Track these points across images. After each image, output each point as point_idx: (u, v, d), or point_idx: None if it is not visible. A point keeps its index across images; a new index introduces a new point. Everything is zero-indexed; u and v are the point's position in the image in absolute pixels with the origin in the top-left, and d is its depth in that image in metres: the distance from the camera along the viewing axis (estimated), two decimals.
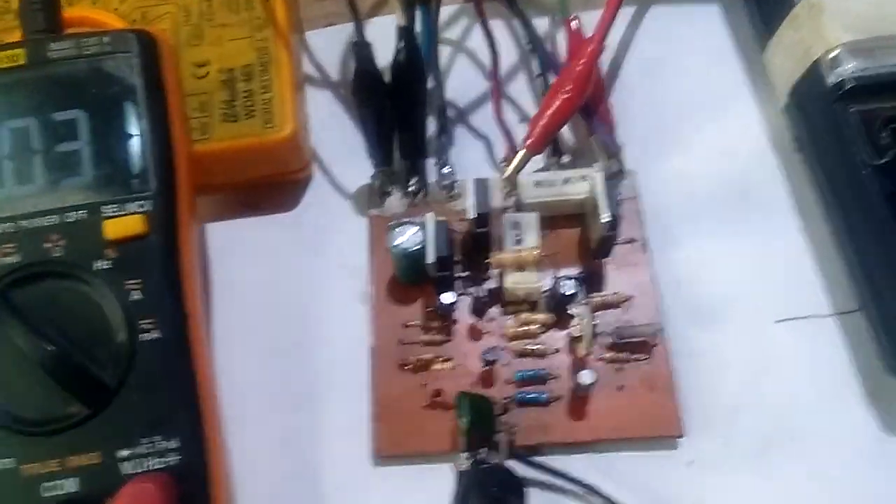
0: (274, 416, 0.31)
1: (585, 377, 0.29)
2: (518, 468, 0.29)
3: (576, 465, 0.30)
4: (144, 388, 0.26)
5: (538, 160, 0.34)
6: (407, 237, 0.31)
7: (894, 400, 0.30)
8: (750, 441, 0.30)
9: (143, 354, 0.26)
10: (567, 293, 0.30)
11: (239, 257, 0.34)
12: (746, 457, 0.30)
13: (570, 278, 0.30)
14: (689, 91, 0.37)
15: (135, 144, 0.28)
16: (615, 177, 0.34)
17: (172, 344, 0.26)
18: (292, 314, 0.33)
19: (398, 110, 0.32)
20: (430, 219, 0.30)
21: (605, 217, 0.29)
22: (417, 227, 0.31)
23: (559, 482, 0.29)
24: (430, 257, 0.29)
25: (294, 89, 0.33)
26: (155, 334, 0.26)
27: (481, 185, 0.31)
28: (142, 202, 0.27)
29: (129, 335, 0.26)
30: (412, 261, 0.31)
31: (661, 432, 0.30)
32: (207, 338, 0.29)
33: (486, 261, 0.31)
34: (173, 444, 0.26)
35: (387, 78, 0.32)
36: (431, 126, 0.36)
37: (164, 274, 0.27)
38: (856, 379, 0.30)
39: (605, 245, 0.31)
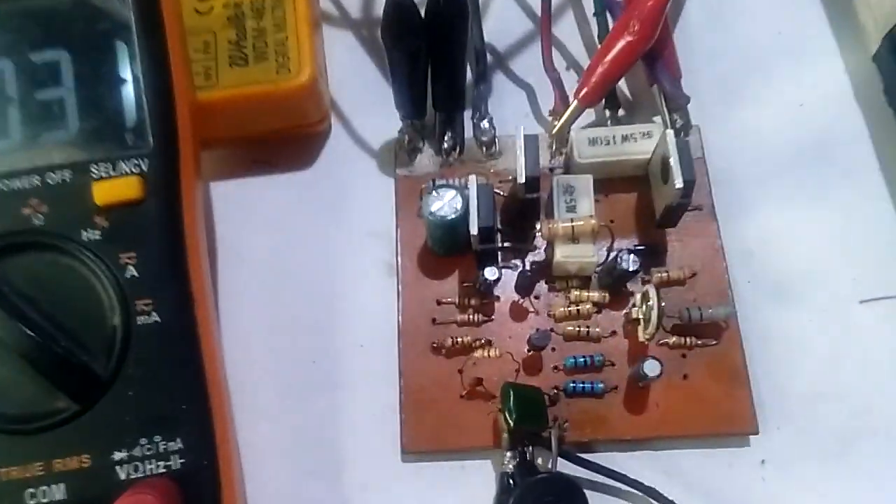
0: (289, 406, 0.28)
1: (650, 368, 0.25)
2: (568, 468, 0.26)
3: (634, 464, 0.26)
4: (142, 380, 0.22)
5: (588, 113, 0.30)
6: (445, 203, 0.27)
7: None
8: (830, 436, 0.27)
9: (140, 341, 0.22)
10: (630, 269, 0.26)
11: (248, 222, 0.30)
12: (826, 454, 0.27)
13: (630, 251, 0.26)
14: (760, 36, 0.32)
15: (128, 92, 0.24)
16: (679, 133, 0.30)
17: (174, 328, 0.23)
18: (309, 288, 0.29)
19: (434, 54, 0.28)
20: (473, 182, 0.26)
21: (678, 182, 0.25)
22: (456, 191, 0.27)
23: (616, 484, 0.26)
24: (474, 228, 0.25)
25: (312, 28, 0.29)
26: (154, 318, 0.22)
27: (533, 143, 0.26)
28: (137, 161, 0.23)
29: (123, 318, 0.22)
30: (450, 230, 0.27)
31: (733, 429, 0.26)
32: (215, 320, 0.25)
33: (534, 231, 0.27)
34: (177, 444, 0.22)
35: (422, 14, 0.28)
36: (468, 73, 0.32)
37: (164, 246, 0.23)
38: None
39: (675, 214, 0.27)
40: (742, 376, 0.27)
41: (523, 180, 0.26)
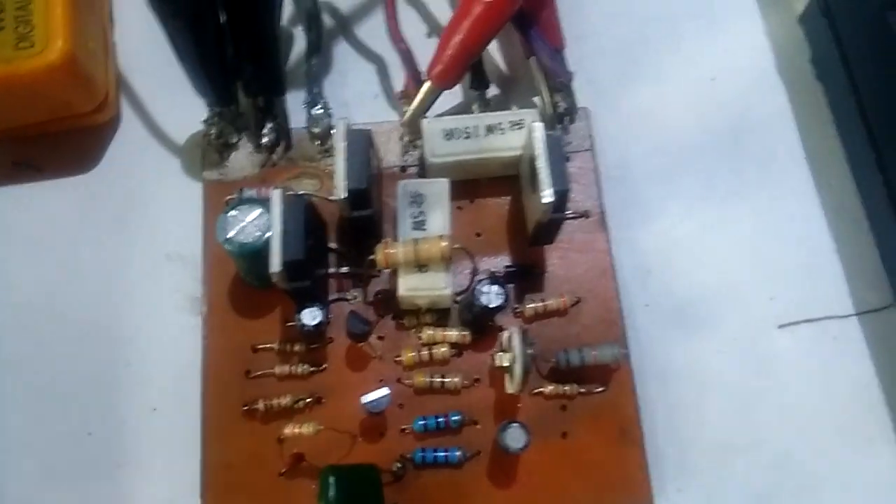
0: (57, 496, 0.22)
1: (513, 439, 0.19)
2: None
3: None
4: None
5: (453, 93, 0.24)
6: (247, 223, 0.20)
7: None
8: (740, 498, 0.22)
9: None
10: (491, 305, 0.20)
11: (6, 245, 0.23)
12: None
13: (494, 280, 0.20)
14: None
15: None
16: (562, 119, 0.23)
17: None
18: (86, 332, 0.23)
19: (233, 21, 0.21)
20: (277, 198, 0.20)
21: (546, 196, 0.19)
22: (262, 209, 0.20)
23: None
24: (276, 263, 0.19)
25: None
26: None
27: (359, 143, 0.20)
28: None
29: None
30: (257, 260, 0.20)
31: (622, 498, 0.21)
32: None
33: (370, 257, 0.21)
34: None
35: None
36: (299, 43, 0.25)
37: None
38: (886, 404, 0.23)
39: (548, 230, 0.21)
40: (634, 431, 0.22)
41: (343, 194, 0.19)
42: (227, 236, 0.20)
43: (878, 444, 0.23)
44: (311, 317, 0.20)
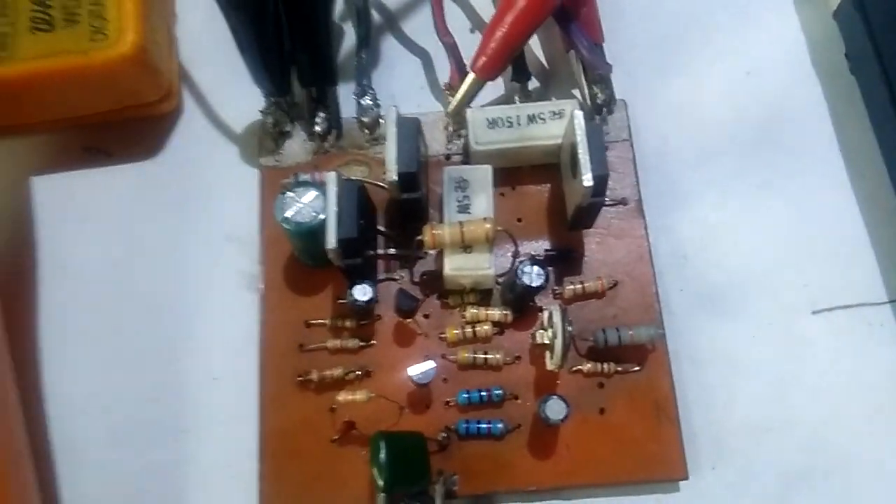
0: (125, 456, 0.23)
1: (554, 411, 0.20)
2: None
3: None
4: None
5: (495, 86, 0.25)
6: (304, 205, 0.21)
7: None
8: (774, 476, 0.23)
9: None
10: (533, 285, 0.21)
11: (76, 224, 0.25)
12: (770, 497, 0.23)
13: (535, 262, 0.21)
14: None
15: None
16: (601, 110, 0.24)
17: None
18: (152, 307, 0.24)
19: (291, 14, 0.22)
20: (332, 180, 0.21)
21: (587, 180, 0.20)
22: (317, 192, 0.21)
23: None
24: (332, 241, 0.20)
25: None
26: None
27: (409, 128, 0.21)
28: None
29: None
30: (312, 239, 0.21)
31: (658, 473, 0.22)
32: (4, 360, 0.19)
33: (418, 237, 0.22)
34: None
35: None
36: (349, 38, 0.26)
37: None
38: None
39: (587, 214, 0.22)
40: (670, 409, 0.22)
41: (394, 177, 0.20)
42: (285, 216, 0.21)
43: None
44: (362, 292, 0.21)
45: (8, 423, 0.19)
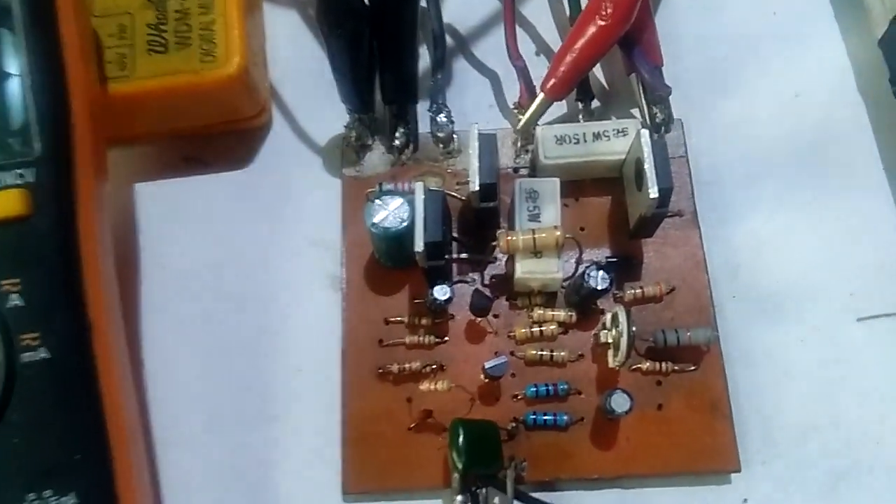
0: (218, 440, 0.25)
1: (618, 404, 0.22)
2: None
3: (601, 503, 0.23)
4: (28, 427, 0.19)
5: (559, 105, 0.27)
6: (390, 212, 0.23)
7: None
8: (821, 472, 0.24)
9: (25, 380, 0.19)
10: (599, 288, 0.23)
11: (176, 227, 0.27)
12: (817, 492, 0.24)
13: (599, 267, 0.23)
14: (753, 17, 0.29)
15: (11, 89, 0.20)
16: (659, 129, 0.26)
17: (67, 365, 0.20)
18: (243, 303, 0.26)
19: (380, 39, 0.24)
20: (420, 189, 0.23)
21: (653, 192, 0.22)
22: (402, 200, 0.23)
23: None
24: (419, 244, 0.22)
25: (243, 9, 0.25)
26: (42, 353, 0.19)
27: (489, 144, 0.23)
28: (21, 171, 0.20)
29: (5, 355, 0.19)
30: (396, 243, 0.24)
31: (712, 466, 0.24)
32: (121, 349, 0.22)
33: (494, 241, 0.24)
34: (70, 499, 0.19)
35: None
36: (424, 60, 0.28)
37: (55, 269, 0.20)
38: None
39: (650, 224, 0.24)
40: (723, 406, 0.24)
41: (476, 188, 0.22)
42: (374, 221, 0.23)
43: None
44: (442, 292, 0.23)
45: (129, 407, 0.21)
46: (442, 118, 0.27)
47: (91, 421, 0.20)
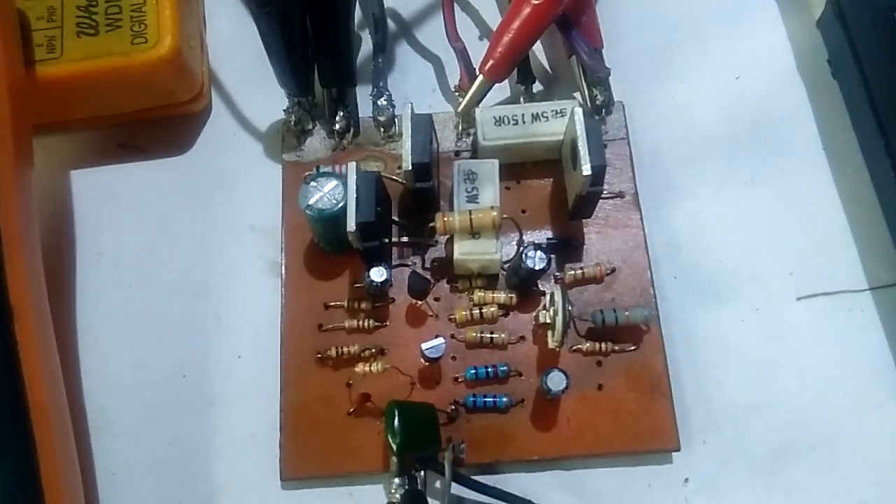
0: (155, 427, 0.24)
1: (554, 382, 0.22)
2: (465, 493, 0.23)
3: (542, 486, 0.24)
4: None
5: (502, 88, 0.27)
6: (324, 194, 0.23)
7: None
8: (761, 451, 0.24)
9: None
10: (537, 268, 0.23)
11: (113, 214, 0.27)
12: (756, 470, 0.24)
13: (538, 247, 0.23)
14: (692, 2, 0.29)
15: None
16: (600, 111, 0.26)
17: None
18: (181, 290, 0.26)
19: (314, 21, 0.24)
20: (352, 169, 0.23)
21: (586, 169, 0.22)
22: (337, 181, 0.23)
23: None
24: (352, 223, 0.22)
25: None
26: None
27: (422, 123, 0.23)
28: None
29: None
30: (331, 225, 0.23)
31: (653, 445, 0.24)
32: (48, 334, 0.21)
33: (430, 224, 0.24)
34: None
35: None
36: (366, 44, 0.28)
37: None
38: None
39: (587, 204, 0.24)
40: (664, 386, 0.24)
41: (409, 167, 0.22)
42: (309, 203, 0.23)
43: (888, 407, 0.24)
44: (378, 274, 0.23)
45: (54, 393, 0.21)
46: (383, 102, 0.27)
47: (12, 407, 0.19)
